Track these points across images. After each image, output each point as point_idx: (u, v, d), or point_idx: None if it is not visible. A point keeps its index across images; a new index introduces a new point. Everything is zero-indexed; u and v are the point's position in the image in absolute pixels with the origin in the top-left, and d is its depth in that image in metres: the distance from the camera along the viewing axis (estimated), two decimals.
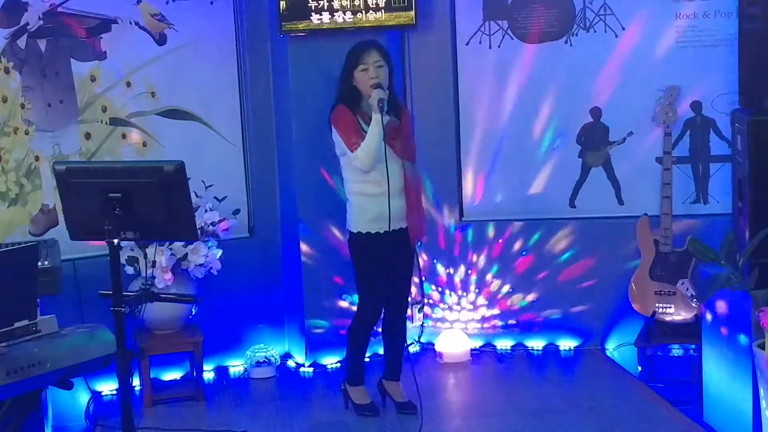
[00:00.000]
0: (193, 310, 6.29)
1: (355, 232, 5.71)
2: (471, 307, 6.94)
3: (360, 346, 5.88)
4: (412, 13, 6.51)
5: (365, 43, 5.70)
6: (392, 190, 5.54)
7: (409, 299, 6.75)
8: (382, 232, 5.64)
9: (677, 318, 6.36)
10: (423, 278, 6.80)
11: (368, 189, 5.63)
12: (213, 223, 6.25)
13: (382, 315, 5.87)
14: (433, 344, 6.84)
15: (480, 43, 6.77)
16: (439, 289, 6.96)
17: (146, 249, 5.97)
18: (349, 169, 5.67)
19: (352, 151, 5.53)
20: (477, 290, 6.92)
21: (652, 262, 6.39)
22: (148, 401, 6.13)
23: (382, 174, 5.54)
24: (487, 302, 6.92)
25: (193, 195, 5.39)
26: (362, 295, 5.81)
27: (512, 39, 6.74)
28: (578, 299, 6.79)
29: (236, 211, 6.47)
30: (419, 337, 6.94)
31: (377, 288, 5.74)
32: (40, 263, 5.14)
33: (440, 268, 6.94)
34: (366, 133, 5.52)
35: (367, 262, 5.71)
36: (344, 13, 6.46)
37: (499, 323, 6.92)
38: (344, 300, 6.58)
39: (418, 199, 5.78)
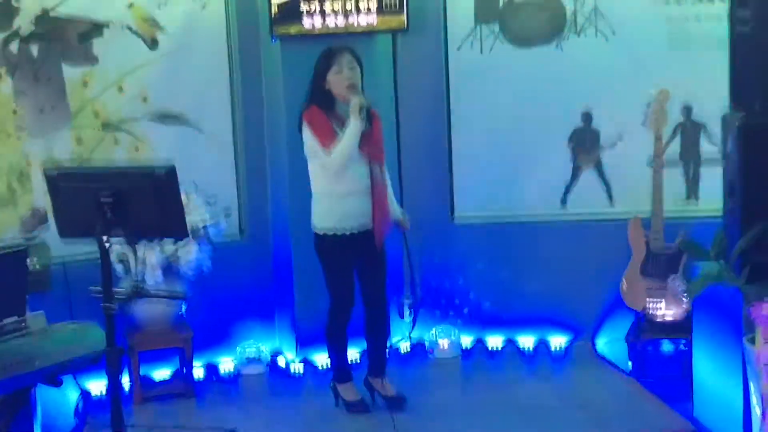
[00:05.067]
0: (183, 308, 6.29)
1: (321, 234, 5.73)
2: (462, 304, 6.96)
3: (339, 344, 5.89)
4: (404, 17, 6.55)
5: (337, 46, 5.74)
6: (360, 190, 5.61)
7: (405, 299, 6.79)
8: (348, 233, 5.67)
9: (668, 314, 6.35)
10: (414, 276, 6.82)
11: (336, 189, 5.66)
12: (204, 226, 6.25)
13: (363, 314, 5.89)
14: (424, 341, 6.85)
15: (471, 47, 6.79)
16: (431, 286, 6.97)
17: (136, 247, 5.94)
18: (319, 169, 5.69)
19: (326, 152, 5.56)
20: (469, 288, 6.94)
21: (643, 259, 6.39)
22: (137, 398, 6.13)
23: (350, 175, 5.59)
24: (478, 300, 6.93)
25: (183, 197, 5.39)
26: (332, 294, 5.83)
27: (503, 43, 6.77)
28: (569, 296, 6.78)
29: (227, 213, 6.48)
30: (410, 334, 6.93)
31: (345, 285, 5.77)
32: (29, 264, 5.15)
33: (432, 267, 6.95)
34: (339, 134, 5.56)
35: (334, 262, 5.74)
36: (336, 16, 6.49)
37: (490, 320, 6.93)
38: None
39: (384, 201, 5.78)
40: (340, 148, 5.53)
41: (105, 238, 4.30)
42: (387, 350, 6.00)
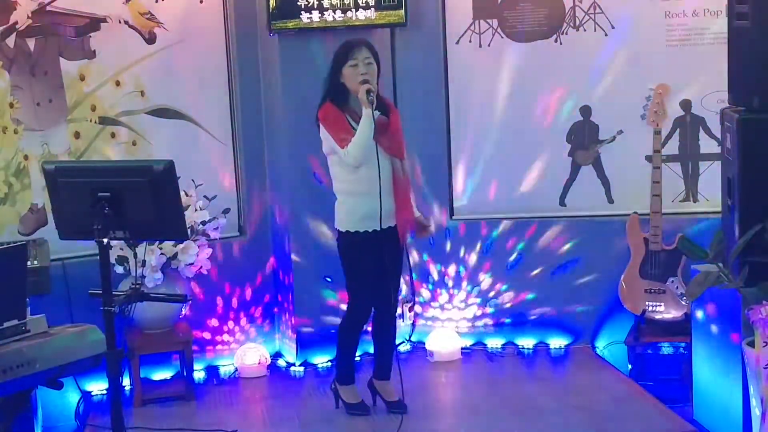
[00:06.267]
0: (183, 310, 6.28)
1: (344, 231, 5.69)
2: (462, 305, 6.95)
3: (350, 346, 5.87)
4: (402, 11, 6.53)
5: (355, 40, 5.69)
6: (382, 188, 5.52)
7: (400, 298, 6.78)
8: (371, 231, 5.62)
9: (667, 316, 6.36)
10: (413, 277, 6.82)
11: (357, 187, 5.60)
12: (203, 222, 6.24)
13: (373, 315, 5.85)
14: (424, 343, 6.84)
15: (470, 41, 6.78)
16: (430, 287, 6.97)
17: (136, 248, 5.95)
18: (338, 167, 5.64)
19: (342, 148, 5.51)
20: (468, 288, 6.93)
21: (641, 260, 6.40)
22: (138, 401, 6.12)
23: (371, 172, 5.52)
24: (477, 301, 6.93)
25: (182, 194, 5.39)
26: (352, 294, 5.78)
27: (502, 38, 6.76)
28: (568, 298, 6.80)
29: (226, 210, 6.45)
30: (410, 336, 6.94)
31: (367, 287, 5.72)
32: (29, 263, 5.15)
33: (431, 267, 6.95)
34: (355, 129, 5.52)
35: (357, 261, 5.68)
36: (334, 11, 6.46)
37: (490, 322, 6.93)
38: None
39: (407, 197, 5.74)
40: (356, 139, 5.46)
41: (105, 240, 4.30)
42: (394, 353, 5.97)
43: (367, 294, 5.74)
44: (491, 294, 6.91)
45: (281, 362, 6.77)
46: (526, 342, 6.88)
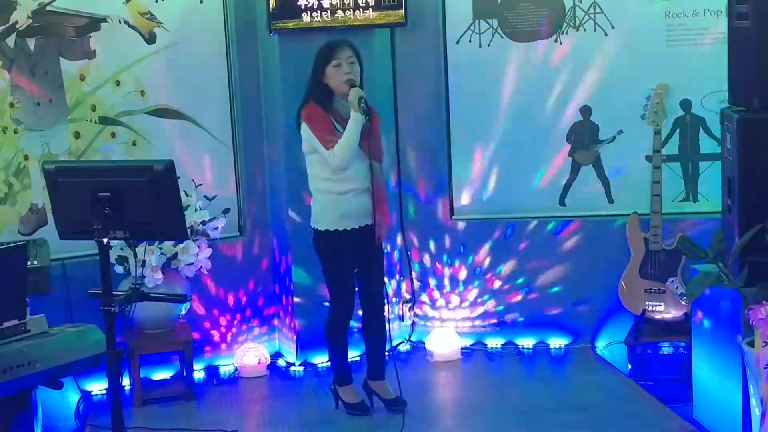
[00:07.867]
0: (183, 310, 6.28)
1: (322, 230, 5.70)
2: (462, 305, 6.95)
3: (339, 345, 5.86)
4: (402, 11, 6.53)
5: (338, 40, 5.71)
6: (360, 188, 5.58)
7: (405, 301, 6.80)
8: (349, 229, 5.65)
9: (667, 316, 6.36)
10: (414, 277, 6.83)
11: (335, 186, 5.62)
12: (203, 222, 6.24)
13: (360, 315, 5.88)
14: (424, 343, 6.84)
15: (470, 41, 6.77)
16: (431, 286, 6.98)
17: (136, 248, 5.95)
18: (318, 167, 5.65)
19: (328, 149, 5.52)
20: (468, 288, 6.93)
21: (641, 260, 6.39)
22: (138, 401, 6.12)
23: (350, 172, 5.56)
24: (477, 300, 6.93)
25: (182, 194, 5.39)
26: (332, 292, 5.80)
27: (502, 38, 6.75)
28: (568, 298, 6.79)
29: (226, 210, 6.45)
30: (410, 336, 6.95)
31: (346, 284, 5.75)
32: (29, 263, 5.14)
33: (431, 267, 6.96)
34: (339, 131, 5.53)
35: (334, 259, 5.70)
36: (334, 11, 6.46)
37: (490, 321, 6.93)
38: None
39: (383, 198, 5.77)
40: (343, 142, 5.49)
41: (105, 240, 4.30)
42: (386, 352, 5.97)
43: (347, 291, 5.76)
44: (491, 293, 6.91)
45: (281, 362, 6.76)
46: (526, 342, 6.87)
